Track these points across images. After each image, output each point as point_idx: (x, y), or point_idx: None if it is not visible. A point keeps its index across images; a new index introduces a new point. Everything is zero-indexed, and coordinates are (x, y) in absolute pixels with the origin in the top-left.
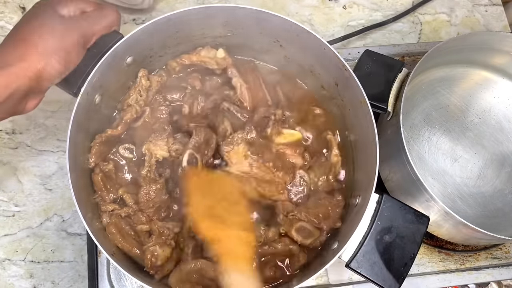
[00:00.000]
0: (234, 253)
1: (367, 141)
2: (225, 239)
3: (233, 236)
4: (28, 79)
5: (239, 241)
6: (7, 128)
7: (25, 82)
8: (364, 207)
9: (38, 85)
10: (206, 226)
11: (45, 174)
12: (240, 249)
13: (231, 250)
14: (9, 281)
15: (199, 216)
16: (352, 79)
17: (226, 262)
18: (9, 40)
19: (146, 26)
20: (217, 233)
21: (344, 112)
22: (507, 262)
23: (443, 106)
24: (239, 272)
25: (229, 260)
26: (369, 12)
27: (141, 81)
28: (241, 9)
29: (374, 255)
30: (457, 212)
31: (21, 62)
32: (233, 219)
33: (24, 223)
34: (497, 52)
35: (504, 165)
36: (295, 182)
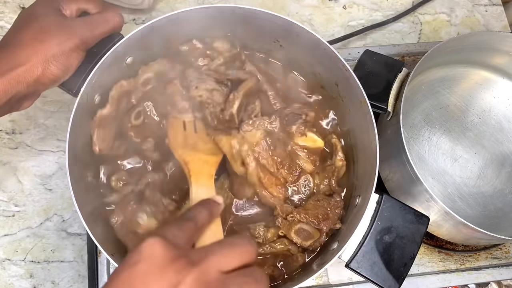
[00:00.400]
0: (198, 171)
1: (367, 140)
2: (192, 161)
3: (199, 159)
4: (27, 84)
5: (203, 162)
6: (7, 128)
7: (23, 87)
8: (364, 207)
9: (35, 89)
10: (179, 152)
11: (45, 174)
12: (202, 168)
13: (195, 169)
14: (9, 281)
15: (175, 146)
16: (352, 79)
17: (192, 178)
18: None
19: (146, 26)
20: (187, 156)
21: (344, 112)
22: (507, 262)
23: (443, 106)
24: (202, 184)
25: (194, 176)
26: (369, 12)
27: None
28: (241, 9)
29: (374, 255)
30: (457, 212)
31: (20, 67)
32: (203, 146)
33: (24, 223)
34: (497, 52)
35: (504, 165)
36: (299, 185)
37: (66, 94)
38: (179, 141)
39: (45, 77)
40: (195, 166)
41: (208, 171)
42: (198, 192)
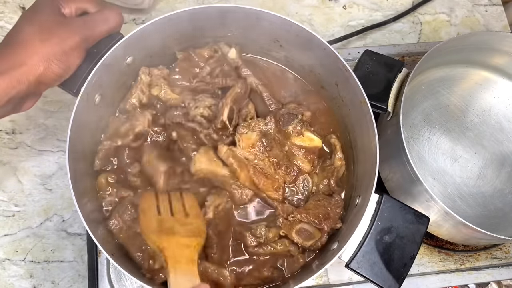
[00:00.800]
0: (176, 257)
1: (367, 140)
2: (169, 246)
3: (177, 243)
4: (28, 83)
5: (182, 246)
6: (7, 128)
7: (25, 86)
8: (364, 207)
9: (37, 89)
10: (153, 239)
11: (45, 174)
12: (181, 253)
13: (173, 255)
14: (9, 281)
15: (148, 233)
16: (352, 79)
17: (169, 266)
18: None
19: (146, 26)
20: (162, 242)
21: (344, 112)
22: (507, 262)
23: (443, 106)
24: (181, 272)
25: (171, 263)
26: (369, 12)
27: (142, 78)
28: (241, 9)
29: (374, 255)
30: (457, 212)
31: (22, 67)
32: (181, 229)
33: (24, 223)
34: (497, 52)
35: (504, 165)
36: (297, 185)
37: (66, 94)
38: (151, 227)
39: (46, 76)
40: (173, 252)
41: (189, 255)
42: (178, 282)
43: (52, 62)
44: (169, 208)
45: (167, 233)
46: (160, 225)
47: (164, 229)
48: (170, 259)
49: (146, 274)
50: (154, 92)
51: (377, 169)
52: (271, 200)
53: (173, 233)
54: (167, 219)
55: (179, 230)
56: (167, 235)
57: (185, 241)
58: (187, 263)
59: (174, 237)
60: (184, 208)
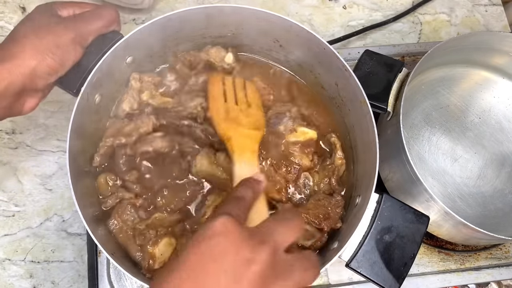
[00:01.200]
0: (241, 146)
1: (367, 140)
2: (235, 136)
3: (241, 134)
4: (21, 75)
5: (245, 137)
6: (7, 128)
7: (18, 78)
8: (364, 207)
9: (32, 83)
10: (223, 126)
11: (45, 174)
12: (245, 143)
13: (238, 145)
14: (9, 281)
15: (218, 119)
16: (352, 79)
17: (235, 155)
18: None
19: (146, 26)
20: (229, 132)
21: (344, 112)
22: (507, 262)
23: (443, 106)
24: (244, 161)
25: (237, 153)
26: (369, 12)
27: (133, 84)
28: (241, 9)
29: (374, 254)
30: (457, 212)
31: (14, 59)
32: (245, 120)
33: (24, 223)
34: (497, 52)
35: (504, 165)
36: (298, 185)
37: (66, 94)
38: (220, 114)
39: (40, 69)
40: (238, 141)
41: (251, 146)
42: (241, 169)
43: (46, 55)
44: (234, 96)
45: (234, 123)
46: (227, 113)
47: (230, 117)
48: (236, 148)
49: (146, 274)
50: (144, 97)
51: (377, 169)
52: (274, 201)
53: (238, 124)
54: (233, 108)
55: (243, 121)
56: (234, 124)
57: (249, 133)
58: (250, 153)
59: (239, 128)
60: (247, 98)
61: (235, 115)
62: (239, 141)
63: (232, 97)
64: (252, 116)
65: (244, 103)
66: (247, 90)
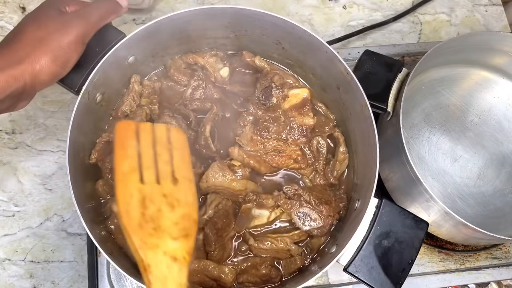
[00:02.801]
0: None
1: (367, 145)
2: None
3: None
4: (24, 82)
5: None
6: (7, 128)
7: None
8: (363, 211)
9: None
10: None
11: (45, 174)
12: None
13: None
14: (9, 281)
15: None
16: (354, 82)
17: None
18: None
19: (148, 26)
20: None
21: (345, 115)
22: (507, 262)
23: (443, 106)
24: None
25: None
26: (369, 12)
27: (134, 87)
28: (243, 11)
29: (372, 259)
30: (457, 212)
31: (19, 64)
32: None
33: (24, 223)
34: (497, 52)
35: (504, 165)
36: (312, 149)
37: (66, 94)
38: (133, 215)
39: (43, 74)
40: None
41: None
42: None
43: (49, 59)
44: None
45: (154, 234)
46: (145, 209)
47: (149, 219)
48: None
49: None
50: (143, 102)
51: (376, 174)
52: (297, 172)
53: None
54: (153, 196)
55: (167, 224)
56: (154, 237)
57: (174, 249)
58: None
59: (161, 244)
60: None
61: (156, 211)
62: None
63: (152, 166)
64: (181, 203)
65: (169, 176)
66: (173, 143)
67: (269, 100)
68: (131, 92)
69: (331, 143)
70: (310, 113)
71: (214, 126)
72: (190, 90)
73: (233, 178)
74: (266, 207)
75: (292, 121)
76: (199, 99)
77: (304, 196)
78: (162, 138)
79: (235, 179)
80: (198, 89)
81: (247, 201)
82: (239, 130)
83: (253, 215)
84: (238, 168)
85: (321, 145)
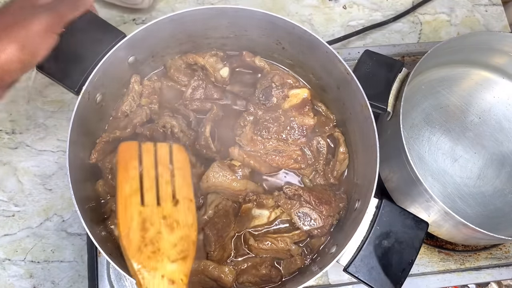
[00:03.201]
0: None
1: (368, 145)
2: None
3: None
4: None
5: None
6: (7, 128)
7: None
8: (363, 211)
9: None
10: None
11: (45, 174)
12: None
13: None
14: (9, 281)
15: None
16: (354, 83)
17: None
18: None
19: (148, 26)
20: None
21: (345, 115)
22: (507, 262)
23: (443, 106)
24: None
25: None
26: (369, 12)
27: (134, 87)
28: (243, 11)
29: (372, 260)
30: (457, 212)
31: None
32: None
33: (24, 223)
34: (497, 52)
35: (504, 165)
36: (313, 149)
37: (66, 94)
38: (133, 237)
39: (10, 62)
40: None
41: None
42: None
43: (16, 47)
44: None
45: (153, 257)
46: (145, 232)
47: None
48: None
49: None
50: (143, 102)
51: (376, 174)
52: (298, 172)
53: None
54: (153, 218)
55: (166, 246)
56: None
57: (172, 271)
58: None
59: (160, 267)
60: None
61: (156, 233)
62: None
63: (153, 187)
64: (181, 225)
65: (169, 197)
66: (175, 163)
67: (269, 100)
68: (131, 92)
69: (331, 143)
70: (310, 113)
71: (214, 126)
72: (190, 90)
73: (233, 178)
74: (266, 207)
75: (292, 121)
76: (199, 99)
77: (304, 196)
78: (164, 158)
79: (235, 179)
80: (198, 89)
81: (247, 201)
82: (239, 130)
83: (253, 215)
84: (238, 168)
85: (321, 145)
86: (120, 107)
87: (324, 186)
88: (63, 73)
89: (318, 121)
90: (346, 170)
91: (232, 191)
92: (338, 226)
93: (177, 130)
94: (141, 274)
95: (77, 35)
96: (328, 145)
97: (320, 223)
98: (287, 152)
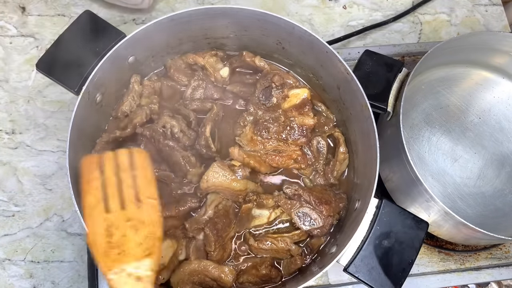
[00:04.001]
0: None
1: (368, 145)
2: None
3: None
4: None
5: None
6: (7, 128)
7: None
8: (363, 211)
9: None
10: (103, 268)
11: (45, 174)
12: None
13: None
14: (9, 281)
15: (98, 256)
16: (354, 82)
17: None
18: None
19: (148, 26)
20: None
21: (345, 116)
22: (507, 262)
23: (443, 106)
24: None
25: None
26: (369, 12)
27: (134, 87)
28: (243, 11)
29: (372, 260)
30: (457, 212)
31: None
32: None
33: (24, 223)
34: (497, 52)
35: (504, 165)
36: (313, 148)
37: (66, 94)
38: (99, 243)
39: None
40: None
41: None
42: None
43: None
44: (118, 188)
45: (117, 261)
46: (110, 237)
47: (115, 245)
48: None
49: None
50: (143, 102)
51: (376, 175)
52: (298, 171)
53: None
54: (118, 223)
55: (131, 245)
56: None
57: (138, 267)
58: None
59: (126, 267)
60: (136, 184)
61: (121, 237)
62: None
63: (116, 193)
64: (145, 224)
65: (133, 199)
66: (134, 164)
67: (269, 100)
68: (131, 92)
69: (331, 143)
70: (310, 113)
71: (214, 126)
72: (190, 90)
73: (233, 178)
74: (266, 207)
75: (292, 121)
76: (199, 99)
77: (304, 196)
78: (125, 164)
79: (235, 179)
80: (198, 89)
81: (247, 201)
82: (239, 130)
83: (253, 215)
84: (238, 168)
85: (321, 145)
86: (120, 107)
87: (324, 186)
88: (63, 73)
89: (318, 121)
90: (346, 170)
91: (232, 191)
92: (338, 226)
93: (177, 130)
94: (108, 276)
95: (77, 35)
96: (328, 145)
97: (320, 223)
98: (287, 152)
